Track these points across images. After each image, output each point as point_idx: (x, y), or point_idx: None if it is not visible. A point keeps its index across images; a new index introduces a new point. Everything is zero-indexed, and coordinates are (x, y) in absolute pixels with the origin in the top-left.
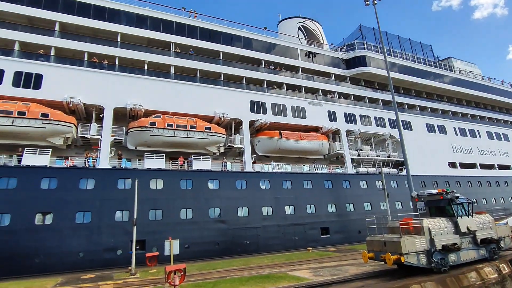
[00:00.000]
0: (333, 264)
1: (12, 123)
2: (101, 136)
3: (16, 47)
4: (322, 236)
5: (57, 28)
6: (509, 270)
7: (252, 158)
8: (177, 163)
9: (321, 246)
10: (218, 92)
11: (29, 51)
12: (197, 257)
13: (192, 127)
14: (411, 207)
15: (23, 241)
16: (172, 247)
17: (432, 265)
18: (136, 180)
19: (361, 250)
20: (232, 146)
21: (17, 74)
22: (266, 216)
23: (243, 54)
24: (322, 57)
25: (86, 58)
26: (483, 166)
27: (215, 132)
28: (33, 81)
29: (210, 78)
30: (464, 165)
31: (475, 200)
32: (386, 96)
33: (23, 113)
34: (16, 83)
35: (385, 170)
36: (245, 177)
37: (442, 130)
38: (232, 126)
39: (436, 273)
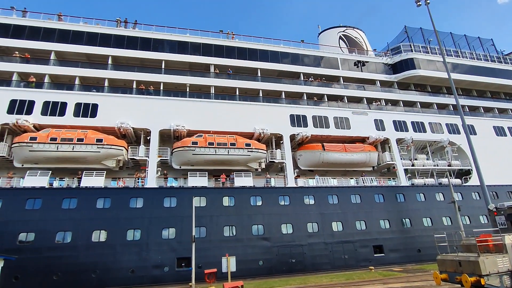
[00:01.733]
0: (400, 285)
1: (73, 149)
2: (148, 157)
3: (77, 81)
4: (375, 255)
5: (110, 61)
6: None
7: (294, 173)
8: (219, 181)
9: (374, 265)
10: (257, 108)
11: (88, 84)
12: (240, 276)
13: (232, 144)
14: (484, 222)
15: (83, 257)
16: (230, 264)
17: None
18: (194, 198)
19: (431, 270)
20: (274, 162)
21: (77, 105)
22: (312, 233)
23: (281, 69)
24: (366, 65)
25: (134, 86)
26: None
27: (255, 148)
28: (90, 110)
29: (249, 95)
30: None
31: None
32: (441, 99)
33: (81, 140)
34: (76, 113)
35: (445, 180)
36: (287, 192)
37: None
38: (273, 141)
39: None
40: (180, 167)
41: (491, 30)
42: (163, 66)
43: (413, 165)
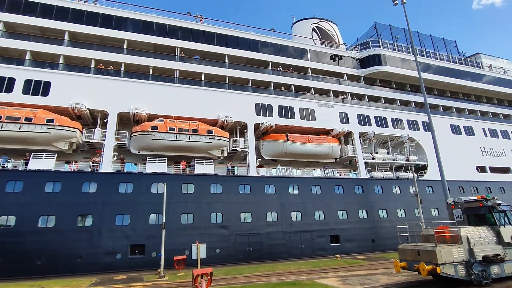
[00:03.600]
0: (363, 272)
1: (20, 129)
2: (104, 140)
3: (28, 56)
4: (331, 245)
5: (66, 37)
6: None
7: (257, 162)
8: (180, 167)
9: (330, 255)
10: (222, 95)
11: (41, 60)
12: (194, 264)
13: (194, 130)
14: (435, 214)
15: (28, 243)
16: (199, 251)
17: (472, 277)
18: (165, 184)
19: (392, 259)
20: (236, 150)
21: (27, 82)
22: (271, 222)
23: (249, 56)
24: (336, 58)
25: (93, 65)
26: None
27: (217, 136)
28: (41, 88)
29: (215, 82)
30: (495, 170)
31: None
32: (404, 96)
33: (30, 119)
34: (25, 91)
35: (403, 174)
36: (248, 181)
37: (469, 131)
38: (237, 129)
39: (477, 286)
40: (138, 152)
41: (465, 34)
42: (125, 46)
43: (373, 158)
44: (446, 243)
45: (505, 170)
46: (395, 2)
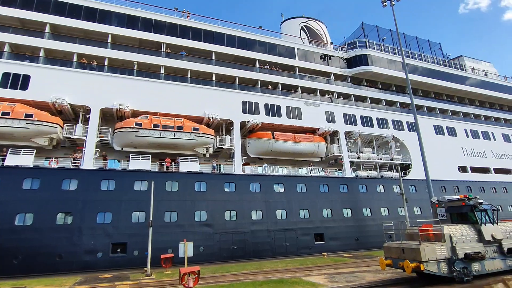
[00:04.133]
0: (349, 270)
1: None
2: (86, 136)
3: (6, 48)
4: (316, 243)
5: (47, 29)
6: None
7: (242, 160)
8: (165, 165)
9: (314, 253)
10: (208, 92)
11: (20, 53)
12: (181, 262)
13: (179, 127)
14: (417, 213)
15: (4, 242)
16: (187, 249)
17: (454, 274)
18: (153, 182)
19: (378, 257)
20: (222, 148)
21: (5, 76)
22: (256, 220)
23: (237, 54)
24: (325, 58)
25: (75, 59)
26: (498, 171)
27: (202, 133)
28: (20, 82)
29: (202, 79)
30: (476, 170)
31: (500, 207)
32: (390, 96)
33: (7, 113)
34: (3, 84)
35: (387, 173)
36: (233, 179)
37: (452, 132)
38: (223, 127)
39: (458, 283)
40: (122, 149)
41: (450, 37)
42: (109, 40)
43: (358, 157)
44: (430, 241)
45: (485, 170)
46: (384, 3)
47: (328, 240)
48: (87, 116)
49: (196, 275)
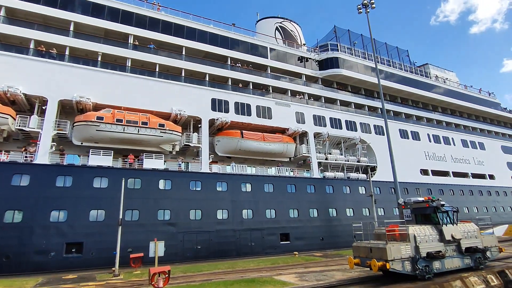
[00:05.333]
0: (319, 269)
1: None
2: (41, 129)
3: None
4: (281, 243)
5: (2, 13)
6: (498, 282)
7: (210, 158)
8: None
9: (280, 253)
10: (176, 88)
11: None
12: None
13: (144, 123)
14: (381, 214)
15: None
16: (157, 248)
17: (417, 272)
18: (123, 179)
19: (347, 256)
20: (189, 145)
21: None
22: (221, 220)
23: (208, 50)
24: (293, 58)
25: (32, 46)
26: (456, 174)
27: (169, 130)
28: None
29: (171, 74)
30: (436, 173)
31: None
32: (359, 100)
33: None
34: None
35: (354, 175)
36: (199, 177)
37: (416, 136)
38: (191, 124)
39: (421, 280)
40: (81, 143)
41: (419, 46)
42: (71, 29)
43: (326, 158)
44: (396, 240)
45: (444, 174)
46: (359, 10)
47: (294, 240)
48: (44, 107)
49: (167, 275)
